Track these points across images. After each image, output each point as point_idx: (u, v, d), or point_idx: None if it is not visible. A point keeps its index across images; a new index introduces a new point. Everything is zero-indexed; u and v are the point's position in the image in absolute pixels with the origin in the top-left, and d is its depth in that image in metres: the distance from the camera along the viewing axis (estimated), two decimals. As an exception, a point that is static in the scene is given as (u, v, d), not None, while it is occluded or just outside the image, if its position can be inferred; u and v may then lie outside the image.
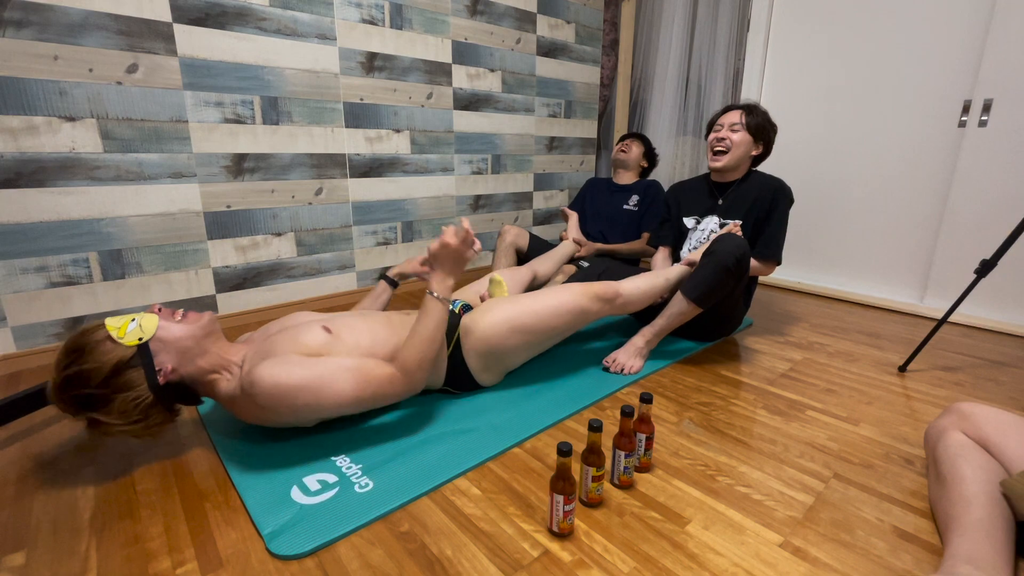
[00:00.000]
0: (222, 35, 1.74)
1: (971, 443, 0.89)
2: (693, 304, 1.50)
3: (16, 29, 1.40)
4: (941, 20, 2.02)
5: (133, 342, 0.96)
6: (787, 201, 1.69)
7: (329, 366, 1.01)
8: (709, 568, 0.81)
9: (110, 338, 0.95)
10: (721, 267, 1.44)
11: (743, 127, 1.68)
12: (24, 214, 1.49)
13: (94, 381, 0.92)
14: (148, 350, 0.97)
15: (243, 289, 1.96)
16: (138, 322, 0.98)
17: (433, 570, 0.80)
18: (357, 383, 1.02)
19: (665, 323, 1.56)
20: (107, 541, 0.86)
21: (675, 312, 1.53)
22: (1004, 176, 1.92)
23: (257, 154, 1.89)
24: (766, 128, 1.69)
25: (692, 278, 1.50)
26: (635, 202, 2.19)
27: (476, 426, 1.20)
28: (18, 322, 1.54)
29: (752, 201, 1.70)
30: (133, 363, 0.95)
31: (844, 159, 2.34)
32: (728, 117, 1.72)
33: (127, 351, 0.95)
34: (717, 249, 1.47)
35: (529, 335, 1.30)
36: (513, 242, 2.04)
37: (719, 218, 1.75)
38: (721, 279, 1.45)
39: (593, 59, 3.02)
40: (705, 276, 1.47)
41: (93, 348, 0.94)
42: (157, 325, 1.00)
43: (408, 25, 2.19)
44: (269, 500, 0.94)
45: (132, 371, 0.95)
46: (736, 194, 1.74)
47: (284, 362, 0.99)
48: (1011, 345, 1.81)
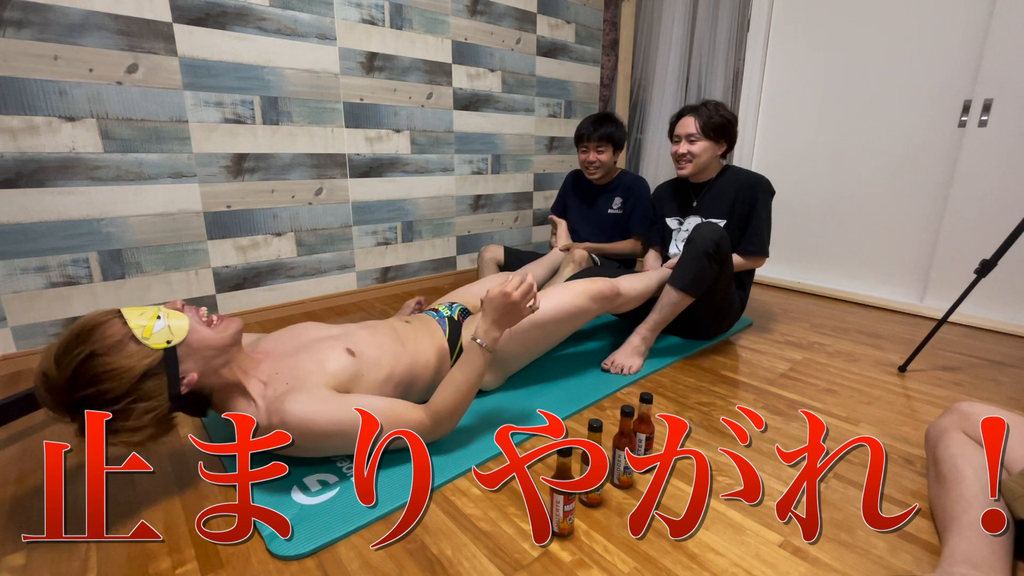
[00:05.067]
0: (222, 35, 1.74)
1: (972, 443, 0.89)
2: (682, 293, 1.51)
3: (16, 29, 1.40)
4: (941, 20, 2.02)
5: (160, 345, 0.85)
6: (767, 194, 1.69)
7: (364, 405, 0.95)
8: (709, 568, 0.81)
9: (133, 338, 0.84)
10: (700, 252, 1.47)
11: (700, 135, 1.65)
12: (24, 214, 1.49)
13: (115, 388, 0.80)
14: (175, 356, 0.87)
15: (243, 289, 1.96)
16: (166, 322, 0.87)
17: (433, 570, 0.80)
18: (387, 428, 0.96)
19: (659, 316, 1.56)
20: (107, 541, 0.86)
21: (666, 303, 1.54)
22: (1004, 176, 1.92)
23: (257, 154, 1.89)
24: (724, 126, 1.66)
25: (676, 268, 1.53)
26: (619, 204, 2.11)
27: (476, 426, 1.20)
28: (18, 322, 1.54)
29: (731, 200, 1.70)
30: (157, 370, 0.84)
31: (844, 159, 2.34)
32: (683, 127, 1.69)
33: (154, 356, 0.84)
34: (695, 237, 1.50)
35: (531, 338, 1.29)
36: (492, 257, 2.06)
37: (700, 219, 1.76)
38: (703, 264, 1.48)
39: (593, 59, 3.02)
40: (687, 264, 1.50)
41: (113, 348, 0.82)
42: (189, 328, 0.89)
43: (408, 25, 2.19)
44: (269, 500, 0.94)
45: (155, 379, 0.84)
46: (711, 194, 1.74)
47: (317, 399, 0.92)
48: (1011, 345, 1.81)
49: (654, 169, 3.00)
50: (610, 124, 1.99)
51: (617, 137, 2.00)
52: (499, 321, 1.05)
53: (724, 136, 1.68)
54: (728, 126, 1.67)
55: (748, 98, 2.58)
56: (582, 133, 2.01)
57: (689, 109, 1.70)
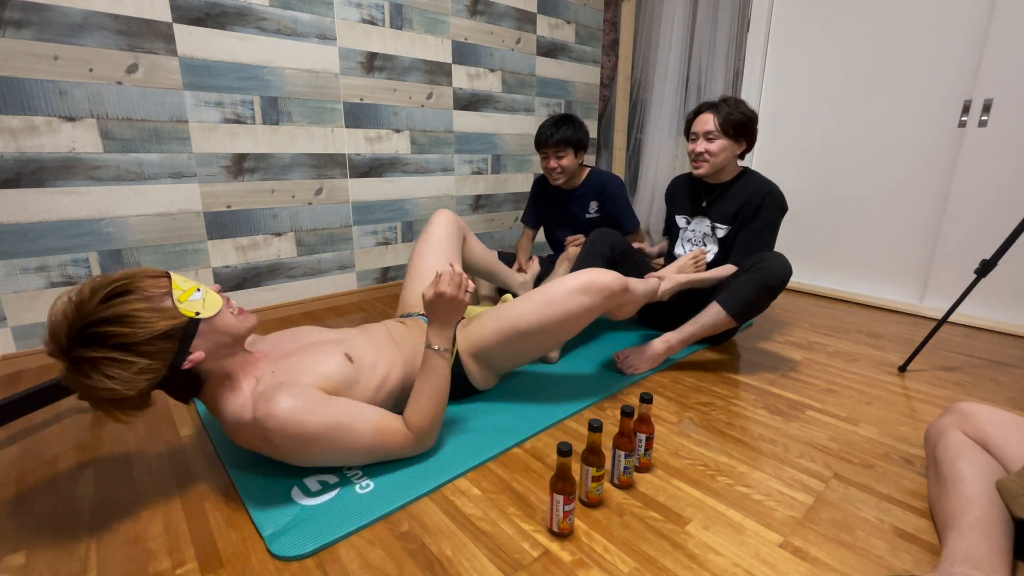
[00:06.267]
0: (222, 35, 1.74)
1: (972, 443, 0.89)
2: (731, 318, 1.46)
3: (16, 29, 1.40)
4: (941, 20, 2.02)
5: (190, 313, 0.85)
6: (775, 208, 1.59)
7: (349, 416, 0.94)
8: (709, 568, 0.81)
9: (171, 295, 0.85)
10: (765, 284, 1.42)
11: (719, 132, 1.57)
12: (24, 214, 1.49)
13: (131, 335, 0.78)
14: (196, 328, 0.87)
15: (243, 289, 1.96)
16: (203, 295, 0.89)
17: (433, 570, 0.80)
18: (373, 442, 0.97)
19: (695, 331, 1.50)
20: (107, 541, 0.86)
21: (708, 323, 1.48)
22: (1004, 176, 1.92)
23: (257, 154, 1.89)
24: (744, 124, 1.57)
25: (733, 292, 1.46)
26: (595, 208, 2.02)
27: (476, 426, 1.20)
28: (18, 322, 1.54)
29: (739, 207, 1.61)
30: (174, 334, 0.84)
31: (844, 159, 2.34)
32: (701, 124, 1.60)
33: (179, 320, 0.84)
34: (766, 266, 1.42)
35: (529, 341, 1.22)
36: None
37: (709, 221, 1.70)
38: (762, 297, 1.43)
39: (593, 59, 3.02)
40: (747, 290, 1.44)
41: (153, 297, 0.83)
42: (219, 308, 0.90)
43: (408, 25, 2.19)
44: (270, 500, 0.94)
45: (169, 342, 0.83)
46: (722, 197, 1.67)
47: (305, 399, 0.90)
48: (1011, 345, 1.81)
49: (654, 169, 3.00)
50: (568, 127, 1.88)
51: (576, 139, 1.89)
52: (444, 319, 1.03)
53: (744, 135, 1.59)
54: (749, 124, 1.58)
55: (748, 98, 2.58)
56: (540, 139, 1.91)
57: (707, 105, 1.61)
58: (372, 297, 2.32)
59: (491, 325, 1.23)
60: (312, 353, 1.03)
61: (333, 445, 0.92)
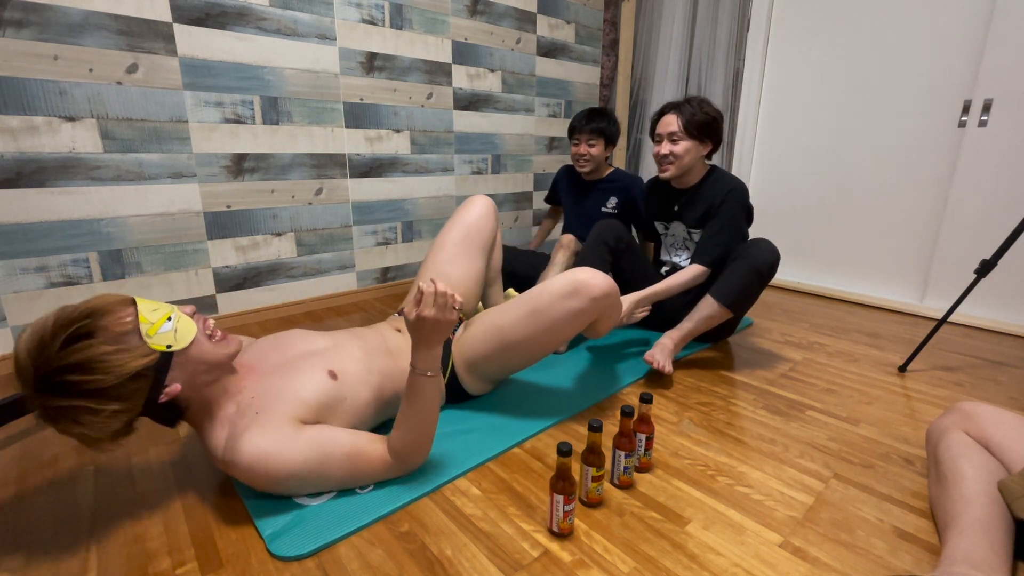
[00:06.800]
0: (222, 35, 1.74)
1: (972, 443, 0.89)
2: (725, 308, 1.47)
3: (16, 29, 1.40)
4: (941, 20, 2.02)
5: (160, 347, 0.80)
6: (735, 204, 1.55)
7: (320, 451, 0.89)
8: (709, 568, 0.81)
9: (138, 332, 0.79)
10: (755, 270, 1.42)
11: (683, 134, 1.54)
12: (24, 214, 1.49)
13: (101, 381, 0.73)
14: (169, 362, 0.82)
15: (243, 289, 1.96)
16: (174, 324, 0.83)
17: (433, 570, 0.80)
18: (347, 472, 0.92)
19: (693, 326, 1.50)
20: (107, 541, 0.86)
21: (704, 316, 1.49)
22: (1004, 176, 1.92)
23: (257, 154, 1.89)
24: (708, 124, 1.54)
25: (724, 282, 1.46)
26: (614, 204, 2.07)
27: (476, 426, 1.20)
28: (18, 322, 1.54)
29: (706, 209, 1.60)
30: (147, 372, 0.79)
31: (844, 159, 2.34)
32: (665, 126, 1.57)
33: (151, 357, 0.79)
34: (752, 252, 1.43)
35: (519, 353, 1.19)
36: None
37: (683, 225, 1.69)
38: (754, 283, 1.44)
39: (593, 59, 3.02)
40: (737, 277, 1.45)
41: (119, 336, 0.77)
42: (193, 338, 0.85)
43: (408, 25, 2.19)
44: (270, 501, 0.94)
45: (141, 381, 0.78)
46: (690, 201, 1.66)
47: (272, 439, 0.85)
48: (1011, 345, 1.81)
49: (654, 170, 3.00)
50: (603, 119, 1.97)
51: (609, 132, 1.98)
52: (429, 341, 0.92)
53: (709, 135, 1.56)
54: (713, 124, 1.55)
55: (748, 98, 2.59)
56: (575, 125, 2.01)
57: (671, 106, 1.57)
58: (372, 297, 2.32)
59: (480, 338, 1.19)
60: (293, 374, 0.97)
61: (305, 480, 0.89)
